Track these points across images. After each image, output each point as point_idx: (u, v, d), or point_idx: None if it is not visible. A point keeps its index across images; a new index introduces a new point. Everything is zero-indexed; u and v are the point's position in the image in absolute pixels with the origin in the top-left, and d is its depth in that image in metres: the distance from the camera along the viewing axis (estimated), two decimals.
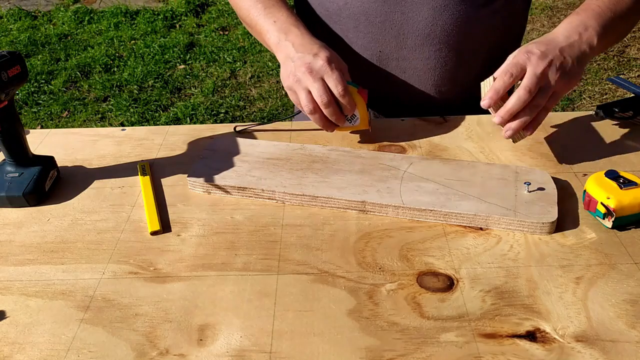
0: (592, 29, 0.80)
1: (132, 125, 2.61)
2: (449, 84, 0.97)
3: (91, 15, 3.69)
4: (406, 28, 0.91)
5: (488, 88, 0.78)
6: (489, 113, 0.82)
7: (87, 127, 2.60)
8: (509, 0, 0.93)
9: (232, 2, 0.97)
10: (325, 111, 0.81)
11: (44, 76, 3.05)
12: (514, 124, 0.77)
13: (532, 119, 0.77)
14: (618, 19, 0.84)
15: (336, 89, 0.80)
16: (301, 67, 0.81)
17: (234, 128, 0.91)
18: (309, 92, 0.81)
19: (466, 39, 0.92)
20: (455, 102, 0.99)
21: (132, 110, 2.73)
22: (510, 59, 0.78)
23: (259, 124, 0.92)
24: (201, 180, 0.78)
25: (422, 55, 0.93)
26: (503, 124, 0.78)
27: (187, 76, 3.00)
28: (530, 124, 0.78)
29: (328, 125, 0.84)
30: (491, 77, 0.78)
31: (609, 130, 0.89)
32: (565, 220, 0.71)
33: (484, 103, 0.78)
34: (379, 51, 0.95)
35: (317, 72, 0.80)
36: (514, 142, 0.82)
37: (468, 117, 0.94)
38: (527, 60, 0.76)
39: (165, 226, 0.73)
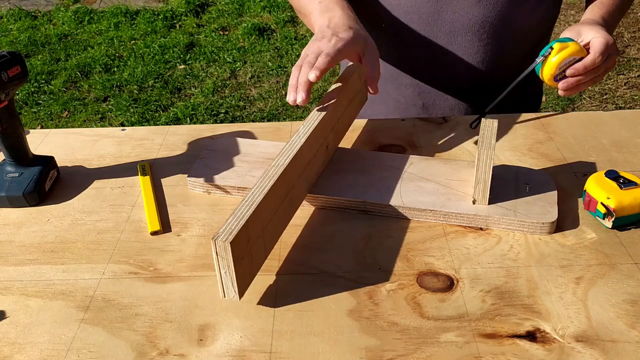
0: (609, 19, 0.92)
1: (132, 125, 2.61)
2: (493, 72, 1.00)
3: (91, 15, 3.68)
4: (457, 25, 0.94)
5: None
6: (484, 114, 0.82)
7: (87, 127, 2.60)
8: None
9: None
10: (299, 71, 0.75)
11: (44, 76, 3.05)
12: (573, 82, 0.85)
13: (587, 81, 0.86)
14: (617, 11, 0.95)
15: (318, 66, 0.73)
16: (314, 42, 0.78)
17: (471, 125, 0.92)
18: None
19: (513, 31, 0.96)
20: (498, 85, 1.01)
21: (132, 110, 2.73)
22: (596, 39, 0.85)
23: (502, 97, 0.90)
24: (201, 180, 0.78)
25: (472, 51, 0.96)
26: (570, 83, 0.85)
27: (187, 76, 3.00)
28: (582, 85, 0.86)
29: (293, 88, 0.75)
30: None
31: (609, 130, 0.89)
32: (565, 220, 0.71)
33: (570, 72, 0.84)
34: (429, 48, 0.97)
35: (321, 47, 0.76)
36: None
37: (468, 117, 0.94)
38: (608, 43, 0.84)
39: (165, 226, 0.73)
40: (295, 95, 0.73)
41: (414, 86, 1.02)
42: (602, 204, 0.69)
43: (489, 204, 0.71)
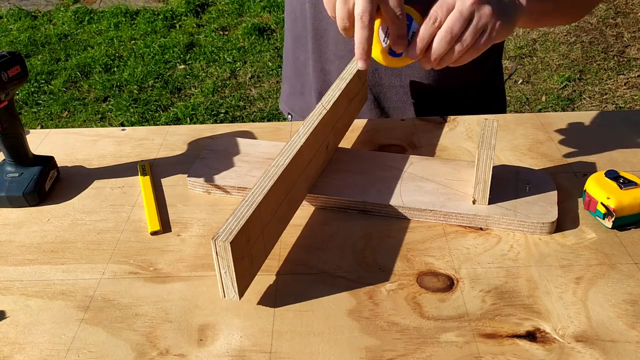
0: None
1: (132, 125, 2.61)
2: (446, 79, 0.97)
3: (91, 15, 3.69)
4: None
5: None
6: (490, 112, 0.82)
7: (87, 127, 2.60)
8: None
9: None
10: (357, 24, 0.65)
11: (44, 76, 3.05)
12: (432, 58, 0.67)
13: (455, 57, 0.68)
14: None
15: (394, 5, 0.65)
16: None
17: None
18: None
19: None
20: (455, 90, 0.99)
21: (132, 110, 2.73)
22: None
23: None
24: (201, 180, 0.78)
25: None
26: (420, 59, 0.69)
27: (187, 76, 3.00)
28: (448, 59, 0.68)
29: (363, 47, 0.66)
30: None
31: (609, 130, 0.89)
32: (565, 220, 0.71)
33: (410, 54, 0.68)
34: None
35: None
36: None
37: (468, 117, 0.94)
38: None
39: (165, 226, 0.73)
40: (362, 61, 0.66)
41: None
42: (602, 204, 0.69)
43: (489, 204, 0.71)
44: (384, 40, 0.69)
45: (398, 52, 0.69)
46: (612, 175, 0.71)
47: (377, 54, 0.70)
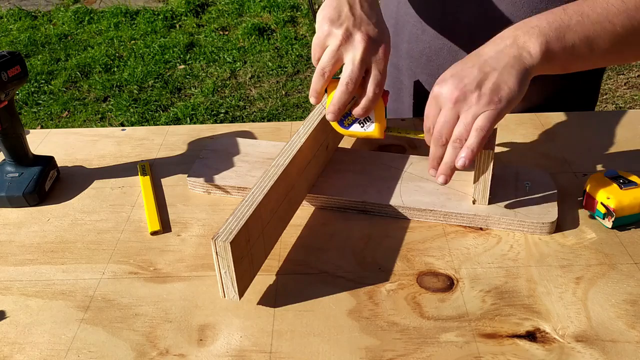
0: (535, 31, 0.63)
1: (132, 125, 2.61)
2: None
3: (91, 15, 3.68)
4: (480, 20, 0.86)
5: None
6: None
7: (87, 127, 2.60)
8: None
9: None
10: (341, 88, 0.68)
11: (44, 76, 3.05)
12: (442, 170, 0.66)
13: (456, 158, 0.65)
14: (598, 26, 0.64)
15: (374, 86, 0.68)
16: (361, 28, 0.68)
17: None
18: (338, 57, 0.68)
19: None
20: None
21: (132, 110, 2.73)
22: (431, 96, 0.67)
23: None
24: (201, 180, 0.78)
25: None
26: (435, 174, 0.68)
27: (187, 76, 3.00)
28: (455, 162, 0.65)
29: (318, 91, 0.70)
30: None
31: (609, 130, 0.89)
32: (565, 220, 0.71)
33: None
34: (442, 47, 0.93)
35: (373, 51, 0.68)
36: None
37: None
38: (437, 101, 0.65)
39: (165, 226, 0.73)
40: (320, 98, 0.71)
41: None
42: (602, 204, 0.69)
43: (489, 204, 0.71)
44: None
45: (347, 125, 0.73)
46: (612, 175, 0.71)
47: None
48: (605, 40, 0.65)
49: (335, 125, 0.73)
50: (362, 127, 0.73)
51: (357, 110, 0.71)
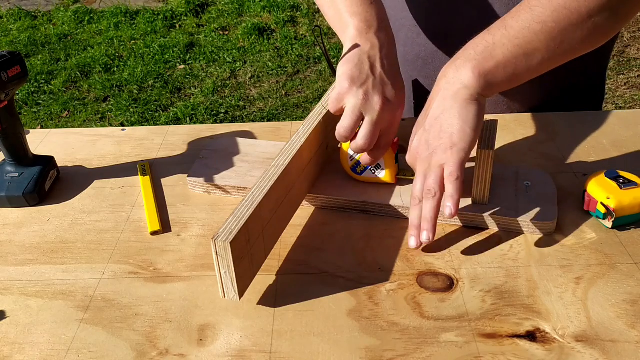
0: (461, 62, 0.65)
1: (132, 125, 2.61)
2: None
3: (91, 15, 3.69)
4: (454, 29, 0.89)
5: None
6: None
7: (87, 127, 2.60)
8: None
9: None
10: (357, 144, 0.70)
11: (44, 76, 3.05)
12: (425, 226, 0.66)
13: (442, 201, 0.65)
14: (526, 31, 0.64)
15: (384, 142, 0.72)
16: (381, 89, 0.69)
17: None
18: (357, 117, 0.69)
19: None
20: None
21: (132, 110, 2.73)
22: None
23: None
24: (201, 180, 0.78)
25: None
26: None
27: (187, 76, 3.00)
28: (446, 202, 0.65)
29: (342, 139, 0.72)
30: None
31: (609, 130, 0.89)
32: (565, 220, 0.71)
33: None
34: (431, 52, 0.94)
35: (388, 114, 0.70)
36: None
37: None
38: (416, 158, 0.69)
39: (165, 226, 0.73)
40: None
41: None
42: (602, 204, 0.69)
43: (489, 204, 0.71)
44: (350, 158, 0.75)
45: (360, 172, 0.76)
46: (612, 175, 0.71)
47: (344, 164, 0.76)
48: (542, 40, 0.64)
49: (349, 172, 0.76)
50: (373, 173, 0.76)
51: (364, 159, 0.73)
